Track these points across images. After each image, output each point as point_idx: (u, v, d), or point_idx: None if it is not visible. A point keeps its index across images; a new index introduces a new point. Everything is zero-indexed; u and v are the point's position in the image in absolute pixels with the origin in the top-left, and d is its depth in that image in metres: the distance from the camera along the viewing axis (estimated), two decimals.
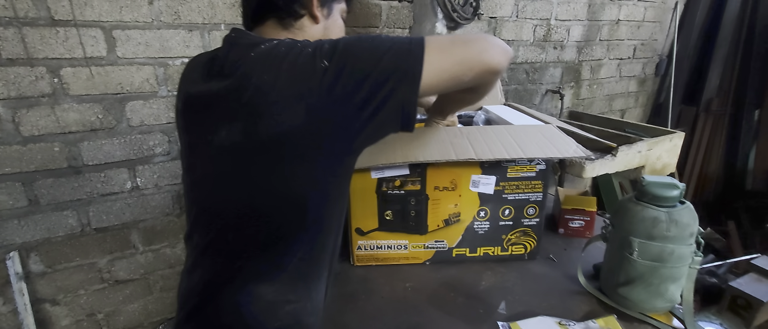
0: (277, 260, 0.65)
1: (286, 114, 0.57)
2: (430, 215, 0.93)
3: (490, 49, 0.62)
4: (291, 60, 0.58)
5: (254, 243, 0.65)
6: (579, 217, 1.08)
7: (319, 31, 0.73)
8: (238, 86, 0.58)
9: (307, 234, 0.66)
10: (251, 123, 0.58)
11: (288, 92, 0.56)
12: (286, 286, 0.66)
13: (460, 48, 0.61)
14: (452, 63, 0.61)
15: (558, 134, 0.89)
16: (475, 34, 0.65)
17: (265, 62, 0.59)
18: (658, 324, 0.78)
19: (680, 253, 0.73)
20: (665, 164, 2.01)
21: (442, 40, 0.62)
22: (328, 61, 0.56)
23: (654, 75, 2.87)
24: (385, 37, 0.60)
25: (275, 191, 0.62)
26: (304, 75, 0.56)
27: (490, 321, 0.80)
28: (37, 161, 1.24)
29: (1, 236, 1.26)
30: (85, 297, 1.45)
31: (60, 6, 1.13)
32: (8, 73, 1.13)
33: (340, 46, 0.58)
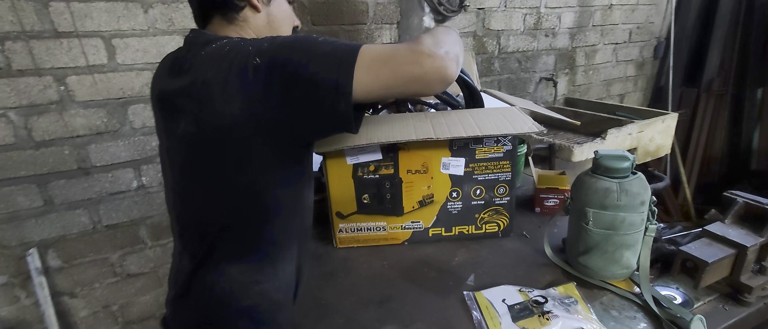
0: (242, 243, 0.72)
1: (227, 107, 0.62)
2: (405, 198, 0.99)
3: (428, 67, 0.61)
4: (231, 58, 0.63)
5: (219, 228, 0.71)
6: (553, 196, 1.12)
7: (262, 20, 0.76)
8: (191, 82, 0.65)
9: (266, 219, 0.71)
10: (200, 115, 0.64)
11: (227, 87, 0.61)
12: (254, 267, 0.73)
13: (392, 68, 0.61)
14: (383, 83, 0.62)
15: (518, 115, 0.93)
16: (416, 43, 0.63)
17: (212, 60, 0.64)
18: (616, 290, 0.82)
19: (631, 221, 0.77)
20: (659, 146, 2.02)
21: (376, 54, 0.62)
22: (259, 59, 0.60)
23: (653, 58, 2.85)
24: (324, 40, 0.63)
25: (228, 179, 0.68)
26: (241, 72, 0.61)
27: (458, 291, 0.85)
28: (50, 164, 1.35)
29: (21, 234, 1.37)
30: (100, 290, 1.56)
31: (62, 19, 1.23)
32: (19, 84, 1.23)
33: (275, 45, 0.62)
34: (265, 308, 0.75)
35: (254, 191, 0.69)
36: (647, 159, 2.03)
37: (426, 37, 0.65)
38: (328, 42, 0.63)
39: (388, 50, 0.62)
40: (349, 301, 0.85)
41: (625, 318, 0.76)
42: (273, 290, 0.75)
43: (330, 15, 1.68)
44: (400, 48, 0.63)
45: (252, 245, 0.72)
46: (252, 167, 0.67)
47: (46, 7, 1.20)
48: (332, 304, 0.85)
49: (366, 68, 0.61)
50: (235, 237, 0.71)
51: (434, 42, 0.64)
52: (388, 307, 0.82)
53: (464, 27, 2.02)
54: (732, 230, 0.80)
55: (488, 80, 2.21)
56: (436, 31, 0.69)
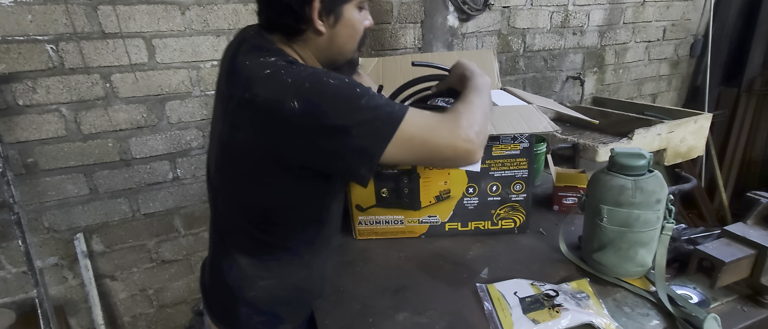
0: (253, 241, 0.77)
1: (251, 130, 0.65)
2: (422, 192, 1.02)
3: (462, 153, 0.65)
4: (268, 85, 0.63)
5: (235, 225, 0.78)
6: (572, 194, 1.12)
7: (324, 41, 0.73)
8: (232, 95, 0.67)
9: (273, 227, 0.76)
10: (233, 128, 0.67)
11: (257, 115, 0.63)
12: (261, 264, 0.78)
13: (429, 149, 0.64)
14: (414, 158, 0.65)
15: (534, 113, 0.94)
16: (457, 126, 0.64)
17: (250, 77, 0.65)
18: (630, 287, 0.82)
19: (646, 218, 0.77)
20: (691, 147, 1.95)
21: (416, 132, 0.63)
22: (297, 103, 0.60)
23: (688, 56, 2.74)
24: (365, 102, 0.61)
25: (245, 188, 0.73)
26: (274, 108, 0.61)
27: (471, 283, 0.87)
28: (95, 155, 1.46)
29: (70, 220, 1.49)
30: (137, 274, 1.67)
31: (109, 21, 1.33)
32: (70, 81, 1.35)
33: (316, 92, 0.61)
34: (267, 302, 0.80)
35: (265, 204, 0.74)
36: (678, 161, 1.96)
37: (465, 115, 0.66)
38: (370, 106, 0.62)
39: (427, 131, 0.63)
40: (366, 289, 0.89)
41: (638, 314, 0.76)
42: (276, 288, 0.79)
43: None
44: (441, 130, 0.64)
45: (261, 245, 0.78)
46: (267, 186, 0.71)
47: (95, 10, 1.31)
48: (349, 291, 0.89)
49: (401, 144, 0.62)
50: (248, 236, 0.77)
51: (472, 124, 0.66)
52: (402, 296, 0.86)
53: (488, 25, 2.02)
54: (753, 230, 0.78)
55: (513, 79, 2.20)
56: (474, 106, 0.70)
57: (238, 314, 0.80)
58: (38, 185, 1.41)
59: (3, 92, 1.28)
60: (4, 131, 1.31)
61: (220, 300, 0.84)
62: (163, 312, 1.78)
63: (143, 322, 1.76)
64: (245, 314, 0.80)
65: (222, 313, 0.84)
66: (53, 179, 1.42)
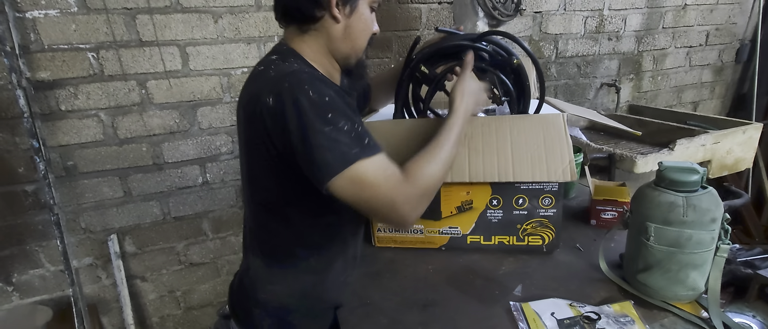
0: (264, 243, 0.79)
1: (245, 125, 0.69)
2: (443, 202, 0.98)
3: (394, 223, 0.74)
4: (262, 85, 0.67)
5: (251, 226, 0.80)
6: (611, 208, 1.06)
7: (339, 31, 0.75)
8: (243, 96, 0.72)
9: (279, 227, 0.77)
10: (238, 126, 0.73)
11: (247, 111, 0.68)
12: (269, 268, 0.80)
13: (367, 205, 0.65)
14: (352, 203, 0.66)
15: (559, 139, 0.89)
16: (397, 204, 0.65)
17: (250, 80, 0.71)
18: (680, 313, 0.76)
19: (699, 239, 0.71)
20: (738, 159, 1.83)
21: (359, 184, 0.63)
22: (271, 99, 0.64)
23: (734, 62, 2.59)
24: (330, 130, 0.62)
25: (252, 188, 0.76)
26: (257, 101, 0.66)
27: (504, 301, 0.83)
28: (130, 159, 1.50)
29: (104, 221, 1.54)
30: (166, 275, 1.71)
31: (146, 29, 1.37)
32: (109, 87, 1.40)
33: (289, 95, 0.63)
34: (276, 306, 0.80)
35: (265, 201, 0.76)
36: (724, 173, 1.84)
37: (420, 187, 0.68)
38: (330, 137, 0.62)
39: (380, 185, 0.64)
40: (394, 302, 0.87)
41: None
42: (283, 294, 0.80)
43: (383, 21, 1.72)
44: (392, 190, 0.65)
45: (271, 248, 0.79)
46: (262, 178, 0.73)
47: (133, 19, 1.35)
48: (377, 304, 0.87)
49: (348, 182, 0.63)
50: (261, 238, 0.79)
51: (418, 205, 0.68)
52: (432, 311, 0.83)
53: (520, 31, 1.97)
54: None
55: None
56: (436, 171, 0.71)
57: (253, 315, 0.81)
58: (77, 188, 1.46)
59: (47, 98, 1.34)
60: (47, 135, 1.37)
61: (241, 300, 0.85)
62: (189, 314, 1.81)
63: (171, 323, 1.79)
64: (258, 316, 0.81)
65: (241, 314, 0.85)
66: (90, 181, 1.47)
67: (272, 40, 1.56)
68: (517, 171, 0.89)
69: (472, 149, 0.92)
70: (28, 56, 1.28)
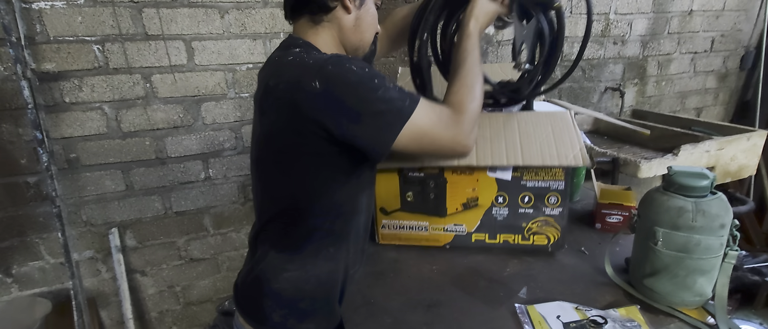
0: (278, 233, 0.79)
1: (277, 114, 0.69)
2: (448, 198, 0.97)
3: (459, 153, 0.74)
4: (293, 71, 0.67)
5: (266, 216, 0.80)
6: (617, 212, 1.05)
7: (350, 22, 0.77)
8: (261, 85, 0.72)
9: (300, 217, 0.77)
10: (261, 116, 0.72)
11: (283, 98, 0.67)
12: (287, 256, 0.79)
13: (433, 147, 0.72)
14: (419, 151, 0.72)
15: (567, 130, 0.88)
16: (460, 126, 0.72)
17: (277, 68, 0.70)
18: (686, 318, 0.75)
19: (708, 244, 0.71)
20: (742, 166, 1.83)
21: (425, 128, 0.69)
22: (319, 83, 0.64)
23: (738, 69, 2.59)
24: (382, 93, 0.66)
25: (274, 178, 0.76)
26: (297, 88, 0.65)
27: (509, 303, 0.83)
28: (133, 153, 1.50)
29: (106, 215, 1.53)
30: (166, 270, 1.70)
31: (152, 23, 1.37)
32: (114, 81, 1.39)
33: (338, 76, 0.65)
34: (290, 294, 0.80)
35: (293, 193, 0.75)
36: (727, 180, 1.84)
37: (468, 114, 0.73)
38: (385, 98, 0.66)
39: (432, 131, 0.70)
40: (398, 302, 0.86)
41: None
42: (300, 280, 0.79)
43: None
44: (445, 133, 0.72)
45: (289, 237, 0.78)
46: (291, 168, 0.73)
47: (139, 13, 1.35)
48: (381, 303, 0.86)
49: (409, 137, 0.68)
50: (276, 227, 0.79)
51: (472, 127, 0.74)
52: (436, 312, 0.82)
53: None
54: None
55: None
56: (474, 94, 0.76)
57: (263, 306, 0.80)
58: (79, 180, 1.45)
59: (52, 90, 1.33)
60: (51, 126, 1.36)
61: (249, 293, 0.84)
62: (188, 310, 1.81)
63: (170, 318, 1.79)
64: (269, 307, 0.80)
65: (249, 307, 0.85)
66: (93, 174, 1.47)
67: (278, 37, 1.55)
68: (526, 156, 0.88)
69: (480, 137, 0.91)
70: (34, 47, 1.28)
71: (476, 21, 0.82)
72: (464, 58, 0.79)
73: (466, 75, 0.77)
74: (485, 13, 0.84)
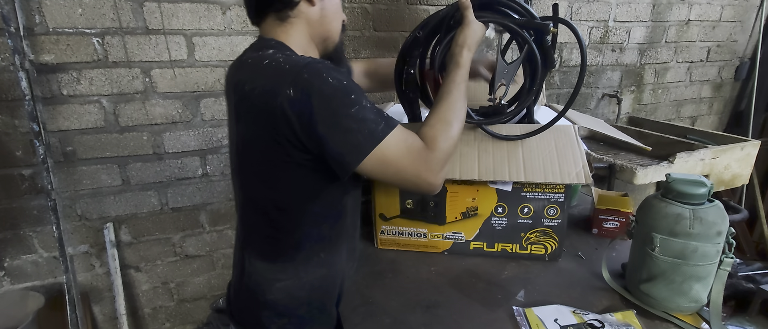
0: (268, 242, 0.77)
1: (253, 120, 0.67)
2: (448, 207, 0.98)
3: (425, 188, 0.69)
4: (267, 74, 0.65)
5: (251, 225, 0.78)
6: (614, 218, 1.07)
7: (316, 14, 0.75)
8: (236, 90, 0.70)
9: (286, 225, 0.75)
10: (238, 122, 0.71)
11: (259, 106, 0.66)
12: (276, 266, 0.77)
13: (399, 177, 0.68)
14: (382, 178, 0.69)
15: (571, 146, 0.89)
16: (428, 161, 0.68)
17: (255, 74, 0.68)
18: (682, 324, 0.76)
19: (704, 251, 0.72)
20: (735, 175, 1.86)
21: (392, 157, 0.66)
22: (293, 91, 0.62)
23: (733, 79, 2.62)
24: (356, 111, 0.63)
25: (256, 186, 0.74)
26: (273, 95, 0.64)
27: (507, 306, 0.83)
28: (130, 148, 1.49)
29: (101, 209, 1.52)
30: (161, 266, 1.69)
31: (153, 17, 1.36)
32: (112, 74, 1.38)
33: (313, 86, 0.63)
34: (287, 304, 0.79)
35: (278, 199, 0.74)
36: (720, 189, 1.87)
37: (440, 151, 0.69)
38: (358, 117, 0.63)
39: (401, 161, 0.67)
40: (397, 303, 0.86)
41: None
42: (294, 288, 0.78)
43: (392, 22, 1.72)
44: (412, 167, 0.67)
45: (277, 246, 0.77)
46: (273, 176, 0.71)
47: (141, 6, 1.34)
48: (380, 304, 0.86)
49: (377, 161, 0.65)
50: (261, 237, 0.77)
51: (441, 164, 0.69)
52: (434, 313, 0.83)
53: None
54: None
55: (547, 94, 2.14)
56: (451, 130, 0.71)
57: (261, 318, 0.79)
58: (75, 174, 1.44)
59: (49, 82, 1.32)
60: (48, 119, 1.35)
61: (244, 305, 0.83)
62: (182, 307, 1.79)
63: (163, 315, 1.77)
64: (267, 318, 0.79)
65: (246, 319, 0.83)
66: (89, 168, 1.45)
67: None
68: (529, 172, 0.89)
69: (481, 151, 0.92)
70: (32, 38, 1.26)
71: (468, 51, 0.79)
72: (450, 91, 0.75)
73: (447, 109, 0.73)
74: (476, 42, 0.81)
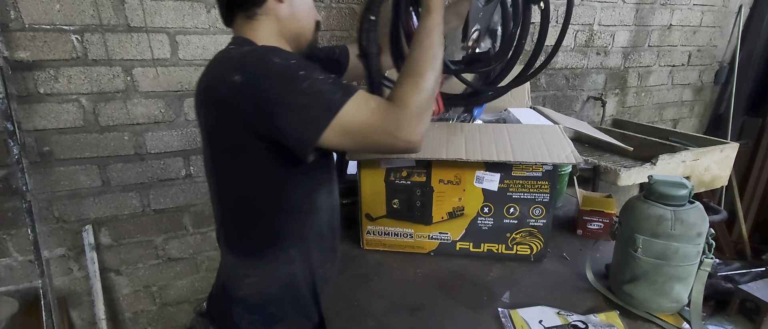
0: (237, 237, 0.77)
1: (208, 111, 0.68)
2: (434, 207, 0.98)
3: (402, 148, 0.64)
4: (224, 65, 0.65)
5: (223, 222, 0.78)
6: (598, 219, 1.08)
7: (286, 11, 0.74)
8: (202, 86, 0.71)
9: (253, 220, 0.74)
10: (198, 118, 0.72)
11: (212, 97, 0.66)
12: (246, 262, 0.77)
13: (367, 140, 0.64)
14: (352, 146, 0.65)
15: (557, 137, 0.90)
16: (399, 120, 0.62)
17: (210, 67, 0.69)
18: (663, 324, 0.77)
19: (685, 252, 0.73)
20: (715, 176, 1.90)
21: (356, 123, 0.62)
22: (240, 76, 0.61)
23: (713, 83, 2.69)
24: (308, 85, 0.61)
25: (222, 181, 0.74)
26: (222, 84, 0.64)
27: (492, 307, 0.83)
28: (111, 148, 1.45)
29: (80, 211, 1.48)
30: (143, 269, 1.65)
31: (135, 15, 1.33)
32: (92, 72, 1.34)
33: (261, 69, 0.62)
34: (256, 300, 0.78)
35: (240, 195, 0.73)
36: (701, 190, 1.90)
37: (413, 109, 0.63)
38: (311, 91, 0.61)
39: (368, 127, 0.62)
40: (381, 305, 0.86)
41: None
42: (263, 285, 0.77)
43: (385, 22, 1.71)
44: (383, 129, 0.62)
45: (245, 242, 0.76)
46: (232, 168, 0.71)
47: (122, 3, 1.30)
48: (364, 306, 0.85)
49: (339, 132, 0.62)
50: (229, 232, 0.77)
51: (417, 122, 0.63)
52: (419, 316, 0.82)
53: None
54: None
55: (533, 96, 2.16)
56: (425, 83, 0.65)
57: (232, 314, 0.79)
58: (52, 174, 1.40)
59: (25, 79, 1.28)
60: (23, 118, 1.31)
61: (217, 301, 0.83)
62: (165, 310, 1.76)
63: (144, 319, 1.73)
64: (238, 314, 0.78)
65: (219, 316, 0.83)
66: (67, 169, 1.41)
67: None
68: (517, 154, 0.88)
69: (469, 139, 0.92)
70: (7, 34, 1.22)
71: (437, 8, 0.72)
72: (420, 40, 0.69)
73: (418, 61, 0.67)
74: None
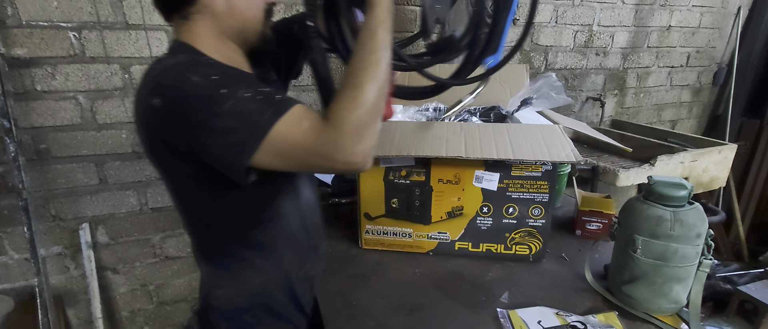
0: (205, 249, 0.76)
1: (139, 133, 0.65)
2: (433, 207, 0.97)
3: (341, 166, 0.57)
4: (147, 85, 0.61)
5: (190, 233, 0.77)
6: (596, 219, 1.07)
7: (221, 5, 0.66)
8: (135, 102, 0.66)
9: (214, 232, 0.72)
10: (141, 138, 0.67)
11: (138, 119, 0.63)
12: (215, 272, 0.76)
13: (303, 161, 0.58)
14: (286, 167, 0.59)
15: (557, 136, 0.90)
16: (335, 138, 0.55)
17: (141, 83, 0.64)
18: (662, 325, 0.77)
19: (684, 253, 0.73)
20: (713, 178, 1.90)
21: (288, 143, 0.56)
22: (157, 100, 0.57)
23: (711, 85, 2.69)
24: (232, 105, 0.55)
25: (174, 196, 0.72)
26: (144, 107, 0.60)
27: (491, 307, 0.83)
28: (108, 146, 1.44)
29: (77, 209, 1.47)
30: (140, 268, 1.64)
31: (133, 12, 1.32)
32: (90, 70, 1.33)
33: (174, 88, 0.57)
34: (228, 309, 0.77)
35: (191, 211, 0.71)
36: (699, 191, 1.91)
37: (353, 125, 0.55)
38: (234, 112, 0.55)
39: (302, 148, 0.56)
40: (380, 305, 0.85)
41: None
42: (233, 295, 0.76)
43: None
44: (319, 150, 0.56)
45: (212, 253, 0.75)
46: (178, 189, 0.69)
47: (120, 1, 1.30)
48: (363, 306, 0.85)
49: (271, 154, 0.56)
50: (195, 244, 0.76)
51: (359, 137, 0.56)
52: (418, 316, 0.82)
53: (511, 41, 1.99)
54: None
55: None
56: (366, 96, 0.56)
57: (211, 320, 0.79)
58: (48, 172, 1.39)
59: (22, 77, 1.27)
60: (20, 115, 1.30)
61: (202, 307, 0.82)
62: (162, 309, 1.75)
63: (141, 318, 1.72)
64: (215, 320, 0.78)
65: (203, 319, 0.82)
66: (64, 167, 1.40)
67: None
68: (517, 152, 0.88)
69: (468, 138, 0.91)
70: (4, 31, 1.21)
71: None
72: (362, 42, 0.60)
73: (355, 71, 0.58)
74: None
